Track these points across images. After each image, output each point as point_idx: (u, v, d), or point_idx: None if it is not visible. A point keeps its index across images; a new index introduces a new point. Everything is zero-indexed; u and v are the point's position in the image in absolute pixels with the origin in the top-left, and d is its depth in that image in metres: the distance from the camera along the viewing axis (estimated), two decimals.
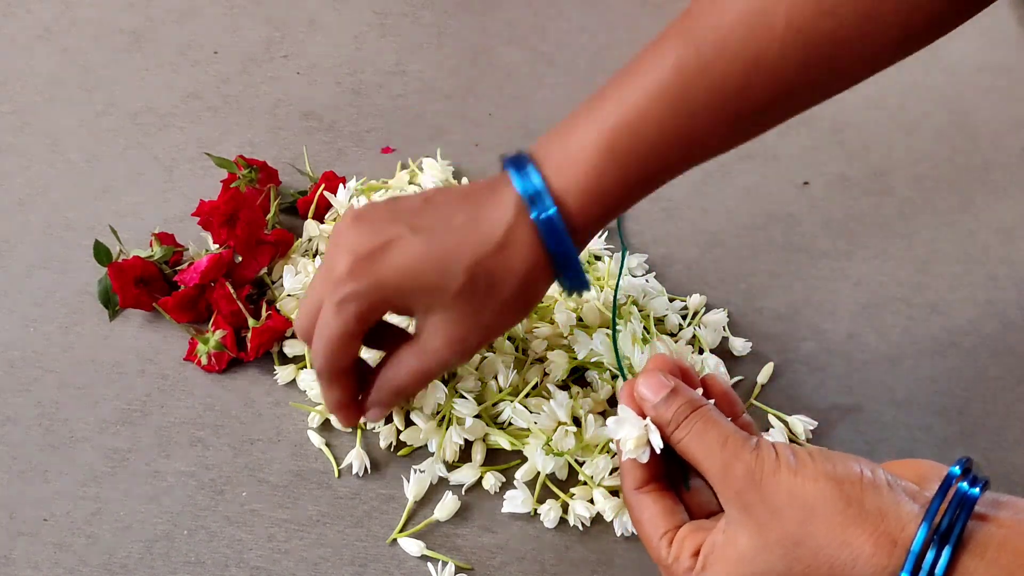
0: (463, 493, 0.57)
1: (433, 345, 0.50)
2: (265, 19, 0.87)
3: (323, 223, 0.68)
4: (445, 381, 0.58)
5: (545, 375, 0.60)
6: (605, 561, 0.55)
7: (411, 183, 0.72)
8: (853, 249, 0.71)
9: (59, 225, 0.70)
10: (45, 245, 0.69)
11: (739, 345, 0.64)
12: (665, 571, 0.44)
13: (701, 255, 0.70)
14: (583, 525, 0.56)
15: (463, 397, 0.57)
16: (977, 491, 0.38)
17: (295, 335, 0.60)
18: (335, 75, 0.82)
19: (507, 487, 0.57)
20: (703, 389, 0.47)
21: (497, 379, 0.59)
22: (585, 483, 0.56)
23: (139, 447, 0.59)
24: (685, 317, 0.65)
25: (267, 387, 0.62)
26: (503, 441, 0.58)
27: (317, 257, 0.67)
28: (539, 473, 0.56)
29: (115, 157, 0.75)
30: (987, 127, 0.79)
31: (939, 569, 0.36)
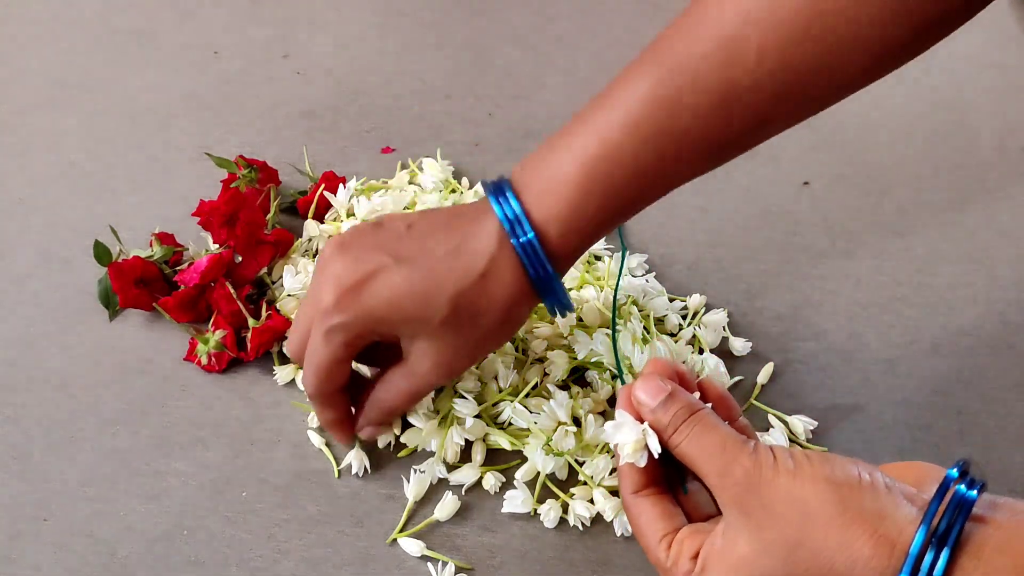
0: (463, 493, 0.57)
1: (421, 368, 0.52)
2: (265, 19, 0.87)
3: (323, 223, 0.68)
4: None
5: (545, 375, 0.60)
6: (605, 561, 0.55)
7: (411, 183, 0.72)
8: (853, 249, 0.71)
9: (59, 225, 0.70)
10: (45, 245, 0.69)
11: (739, 345, 0.64)
12: (664, 574, 0.44)
13: (701, 255, 0.70)
14: (583, 525, 0.56)
15: (463, 397, 0.57)
16: (975, 493, 0.38)
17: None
18: (335, 75, 0.82)
19: (507, 487, 0.57)
20: (700, 393, 0.47)
21: (497, 379, 0.59)
22: (585, 483, 0.56)
23: (139, 447, 0.59)
24: (685, 317, 0.65)
25: (267, 387, 0.62)
26: (503, 441, 0.58)
27: (317, 257, 0.67)
28: (539, 473, 0.56)
29: (115, 157, 0.75)
30: (987, 127, 0.79)
31: (937, 571, 0.36)
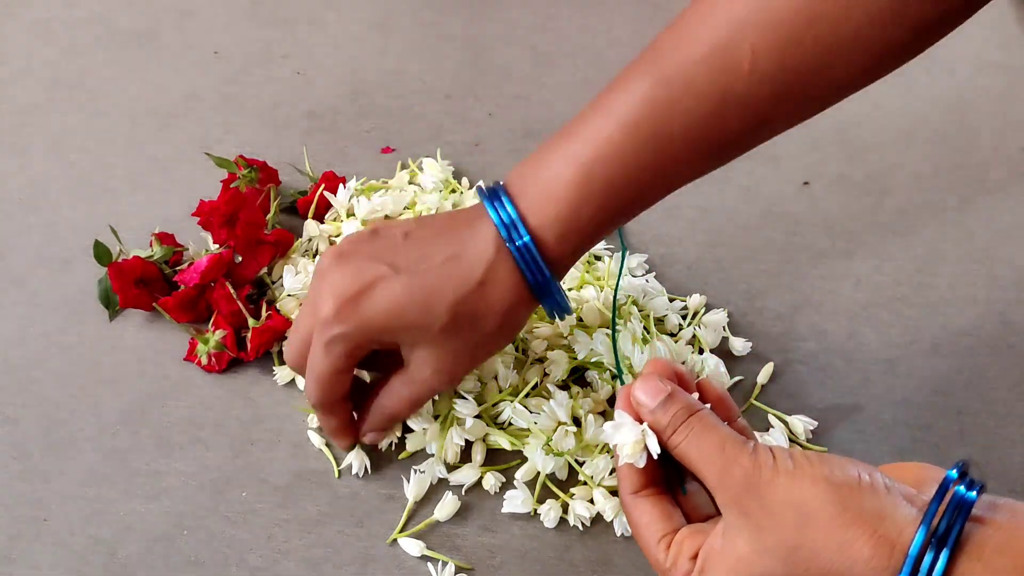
0: (463, 493, 0.57)
1: (422, 375, 0.52)
2: (265, 19, 0.87)
3: (323, 223, 0.68)
4: None
5: (545, 375, 0.60)
6: (605, 561, 0.55)
7: (411, 183, 0.72)
8: (853, 249, 0.71)
9: (59, 225, 0.70)
10: (45, 245, 0.69)
11: (739, 345, 0.64)
12: (663, 575, 0.44)
13: (701, 255, 0.70)
14: (583, 525, 0.56)
15: (463, 397, 0.57)
16: (974, 495, 0.38)
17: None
18: (335, 75, 0.82)
19: (507, 487, 0.57)
20: (699, 393, 0.47)
21: (497, 379, 0.59)
22: (585, 483, 0.56)
23: (139, 447, 0.59)
24: (685, 317, 0.65)
25: (267, 387, 0.62)
26: (503, 441, 0.58)
27: (317, 257, 0.67)
28: (539, 473, 0.56)
29: (115, 157, 0.75)
30: (987, 127, 0.79)
31: (937, 571, 0.36)
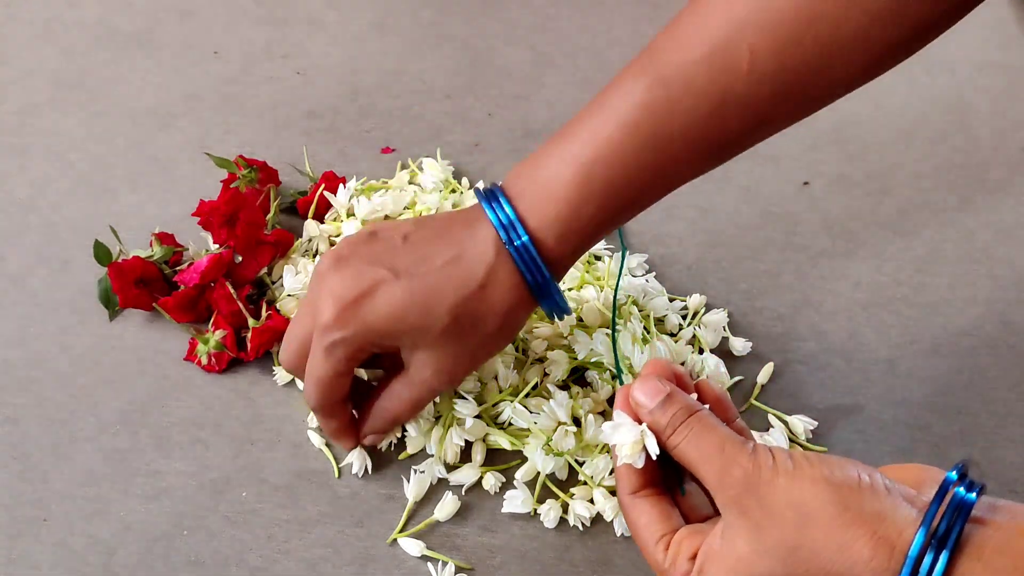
0: (463, 493, 0.57)
1: (422, 376, 0.52)
2: (265, 19, 0.87)
3: (323, 223, 0.68)
4: None
5: (545, 375, 0.60)
6: (605, 561, 0.55)
7: (411, 183, 0.72)
8: (853, 249, 0.71)
9: (59, 225, 0.70)
10: (45, 245, 0.69)
11: (739, 345, 0.64)
12: (662, 575, 0.44)
13: (701, 255, 0.70)
14: (583, 525, 0.56)
15: (463, 397, 0.58)
16: (974, 496, 0.38)
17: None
18: (335, 75, 0.82)
19: (507, 487, 0.57)
20: (697, 394, 0.47)
21: (497, 379, 0.59)
22: (585, 483, 0.56)
23: (139, 447, 0.59)
24: (685, 317, 0.65)
25: (267, 387, 0.62)
26: (503, 441, 0.58)
27: (317, 257, 0.67)
28: (539, 473, 0.56)
29: (115, 157, 0.75)
30: (987, 127, 0.79)
31: (937, 572, 0.36)
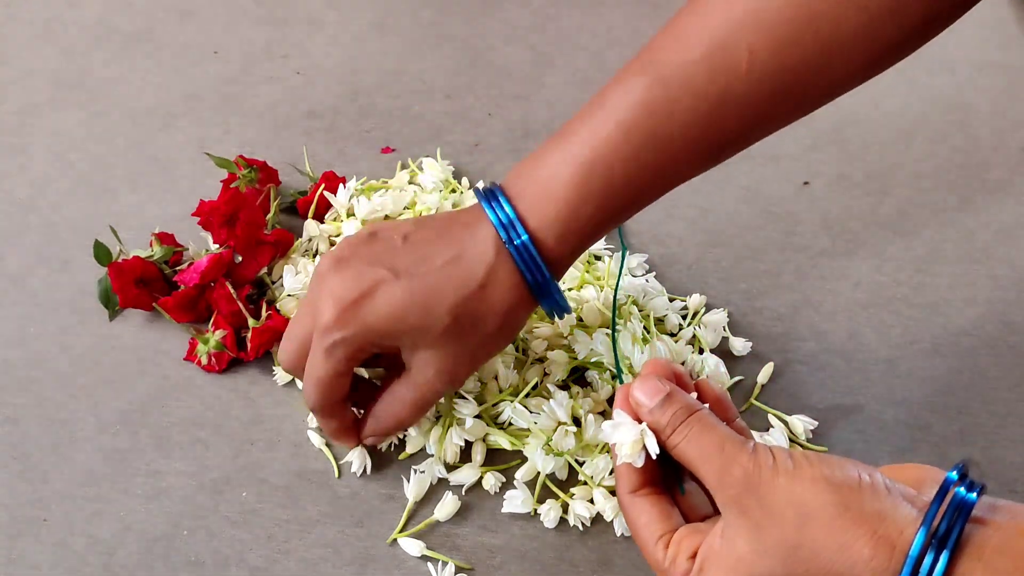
0: (463, 493, 0.57)
1: (424, 377, 0.52)
2: (265, 19, 0.87)
3: (323, 223, 0.68)
4: None
5: (545, 375, 0.60)
6: (605, 561, 0.55)
7: (411, 183, 0.72)
8: (853, 249, 0.71)
9: (59, 225, 0.70)
10: (45, 245, 0.69)
11: (739, 345, 0.64)
12: (662, 574, 0.44)
13: (701, 255, 0.70)
14: (583, 525, 0.56)
15: (463, 397, 0.57)
16: (974, 496, 0.38)
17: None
18: (335, 75, 0.82)
19: (507, 487, 0.57)
20: (697, 394, 0.47)
21: (497, 379, 0.59)
22: (585, 483, 0.56)
23: (139, 447, 0.59)
24: (685, 317, 0.65)
25: (267, 387, 0.62)
26: (503, 441, 0.58)
27: (317, 257, 0.67)
28: (539, 473, 0.56)
29: (115, 157, 0.75)
30: (987, 127, 0.79)
31: (937, 572, 0.36)
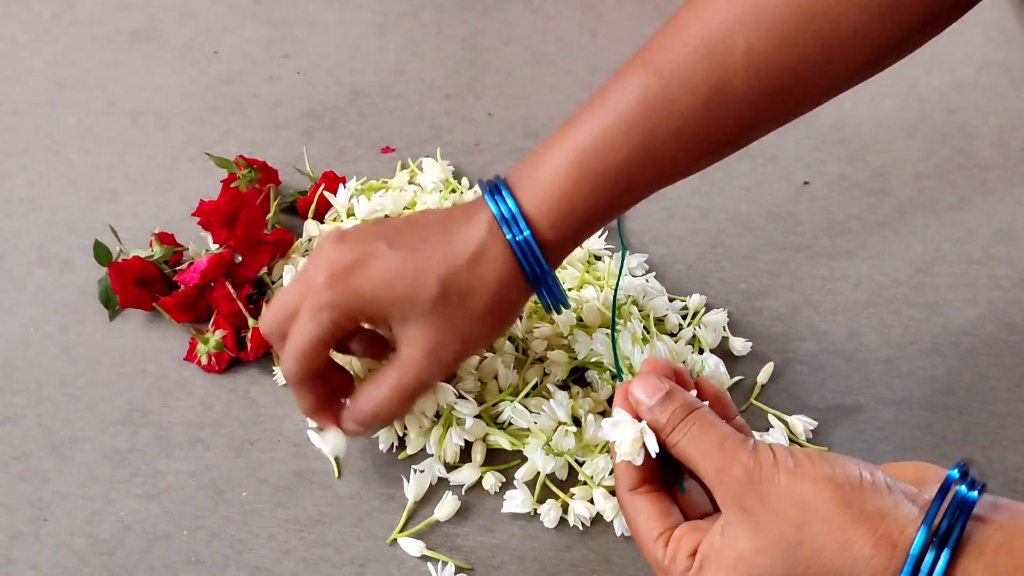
0: (463, 493, 0.57)
1: (410, 356, 0.51)
2: (265, 19, 0.87)
3: (323, 223, 0.68)
4: (446, 381, 0.58)
5: (545, 375, 0.60)
6: (605, 561, 0.55)
7: (411, 183, 0.72)
8: (853, 249, 0.71)
9: (59, 225, 0.70)
10: (45, 245, 0.69)
11: (739, 345, 0.64)
12: (662, 572, 0.44)
13: (701, 255, 0.70)
14: (583, 525, 0.56)
15: (463, 398, 0.57)
16: (975, 494, 0.38)
17: None
18: (335, 75, 0.82)
19: (507, 487, 0.57)
20: (696, 392, 0.47)
21: (497, 379, 0.59)
22: (585, 483, 0.56)
23: (139, 447, 0.59)
24: (685, 317, 0.65)
25: (267, 387, 0.62)
26: (503, 441, 0.58)
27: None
28: (539, 473, 0.56)
29: (115, 157, 0.75)
30: (987, 127, 0.79)
31: (938, 571, 0.36)
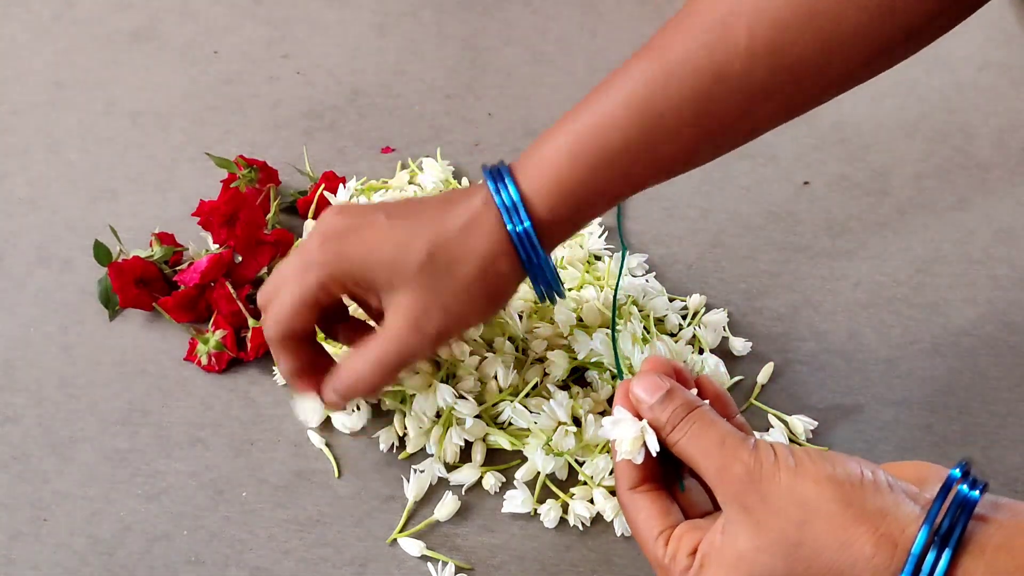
0: (463, 493, 0.57)
1: (394, 324, 0.50)
2: (265, 19, 0.87)
3: None
4: (445, 381, 0.58)
5: (545, 375, 0.60)
6: (605, 561, 0.55)
7: (411, 183, 0.72)
8: (853, 249, 0.71)
9: (59, 225, 0.70)
10: (45, 245, 0.69)
11: (739, 345, 0.64)
12: (662, 571, 0.44)
13: (701, 255, 0.70)
14: (583, 525, 0.56)
15: (463, 398, 0.57)
16: (977, 494, 0.38)
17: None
18: (335, 75, 0.82)
19: (507, 487, 0.57)
20: (697, 390, 0.47)
21: (497, 379, 0.59)
22: (585, 483, 0.56)
23: (139, 447, 0.59)
24: (685, 317, 0.65)
25: (267, 387, 0.62)
26: (503, 441, 0.58)
27: None
28: (539, 473, 0.56)
29: (115, 157, 0.75)
30: (987, 127, 0.79)
31: (939, 571, 0.36)
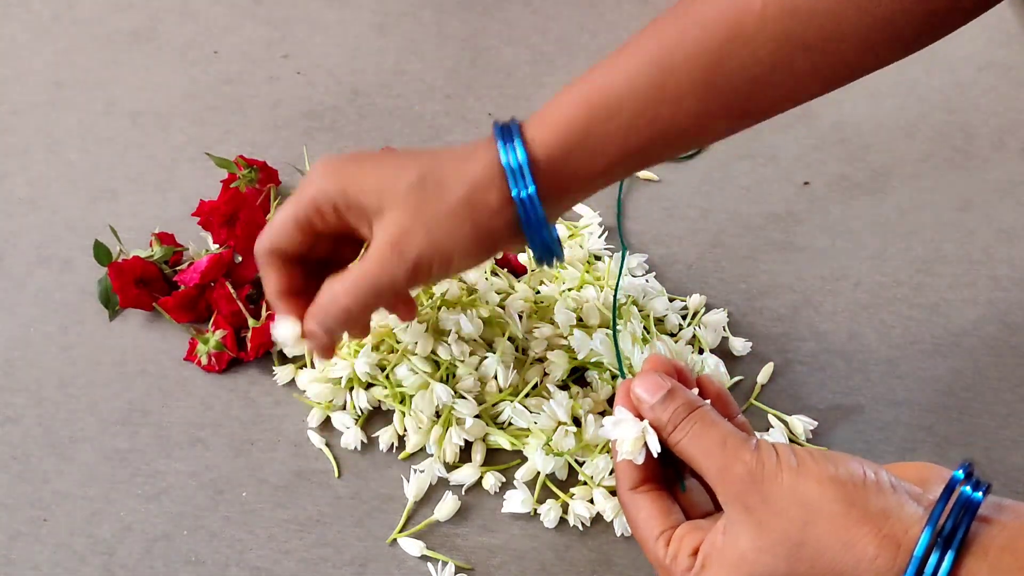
0: (463, 493, 0.57)
1: (375, 246, 0.49)
2: (265, 19, 0.87)
3: None
4: (445, 381, 0.58)
5: (545, 375, 0.60)
6: (605, 561, 0.55)
7: None
8: (853, 249, 0.71)
9: (59, 225, 0.70)
10: (45, 245, 0.69)
11: (739, 345, 0.64)
12: (663, 571, 0.44)
13: (701, 255, 0.70)
14: (583, 525, 0.56)
15: (463, 398, 0.57)
16: (980, 495, 0.38)
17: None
18: (335, 75, 0.82)
19: (507, 487, 0.57)
20: (698, 390, 0.47)
21: (497, 379, 0.59)
22: (585, 483, 0.56)
23: (139, 447, 0.59)
24: (685, 317, 0.65)
25: (267, 387, 0.62)
26: (503, 441, 0.58)
27: None
28: (539, 473, 0.56)
29: (115, 157, 0.75)
30: (987, 127, 0.79)
31: (942, 572, 0.36)
